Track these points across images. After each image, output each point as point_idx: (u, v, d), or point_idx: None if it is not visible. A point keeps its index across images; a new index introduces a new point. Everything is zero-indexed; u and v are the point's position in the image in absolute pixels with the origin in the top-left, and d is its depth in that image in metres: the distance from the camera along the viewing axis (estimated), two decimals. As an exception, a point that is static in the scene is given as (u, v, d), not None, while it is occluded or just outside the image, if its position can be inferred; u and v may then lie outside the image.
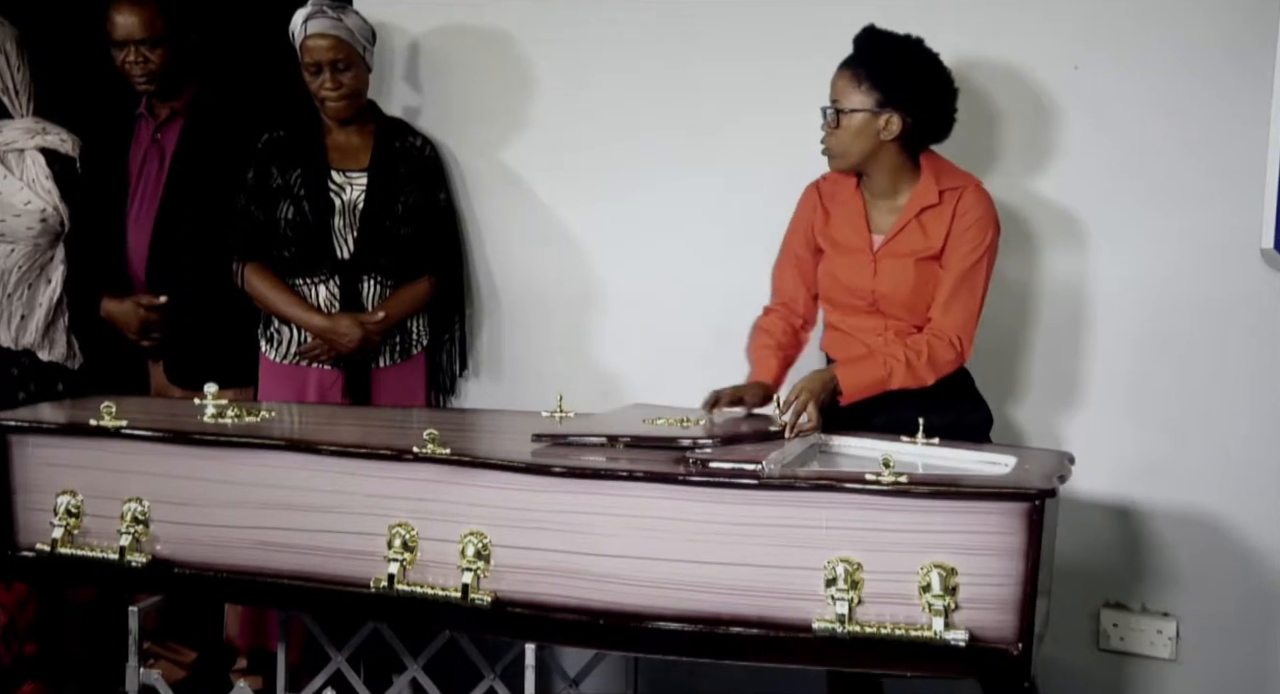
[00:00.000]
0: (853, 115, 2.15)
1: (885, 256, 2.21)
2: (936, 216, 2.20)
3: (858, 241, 2.24)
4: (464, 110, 2.90)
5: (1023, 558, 1.70)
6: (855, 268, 2.23)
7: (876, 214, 2.25)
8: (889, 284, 2.20)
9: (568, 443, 2.01)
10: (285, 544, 2.01)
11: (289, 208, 2.70)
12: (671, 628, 1.82)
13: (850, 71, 2.17)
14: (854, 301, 2.24)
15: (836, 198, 2.29)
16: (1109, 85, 2.41)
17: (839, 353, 2.29)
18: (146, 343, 2.80)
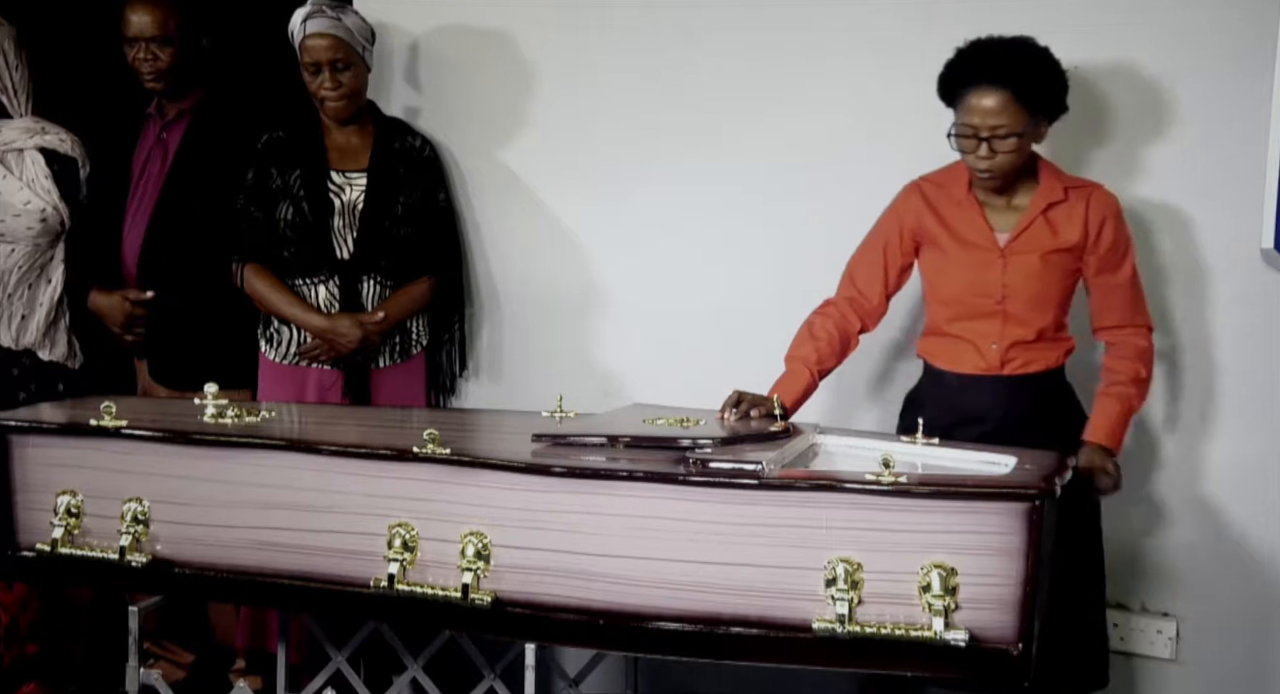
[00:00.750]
0: (1022, 136, 2.14)
1: (1014, 253, 2.20)
2: (1065, 213, 2.20)
3: (981, 240, 2.22)
4: (464, 110, 2.90)
5: (1023, 558, 1.70)
6: (982, 265, 2.22)
7: (994, 213, 2.24)
8: (1020, 279, 2.19)
9: (568, 443, 2.01)
10: (285, 544, 2.01)
11: (288, 208, 2.70)
12: (671, 628, 1.82)
13: (1007, 93, 2.12)
14: (978, 300, 2.22)
15: (947, 198, 2.27)
16: (1108, 86, 2.41)
17: (945, 359, 2.27)
18: (130, 338, 2.80)
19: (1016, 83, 2.13)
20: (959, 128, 2.18)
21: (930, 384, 2.33)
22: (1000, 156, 2.15)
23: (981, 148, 2.16)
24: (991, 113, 2.13)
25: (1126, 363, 2.24)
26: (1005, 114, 2.12)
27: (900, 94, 2.56)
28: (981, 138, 2.15)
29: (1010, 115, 2.12)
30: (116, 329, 2.80)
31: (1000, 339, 2.22)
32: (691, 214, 2.74)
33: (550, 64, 2.83)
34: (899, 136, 2.57)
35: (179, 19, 2.74)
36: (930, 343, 2.34)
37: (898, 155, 2.57)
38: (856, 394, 2.63)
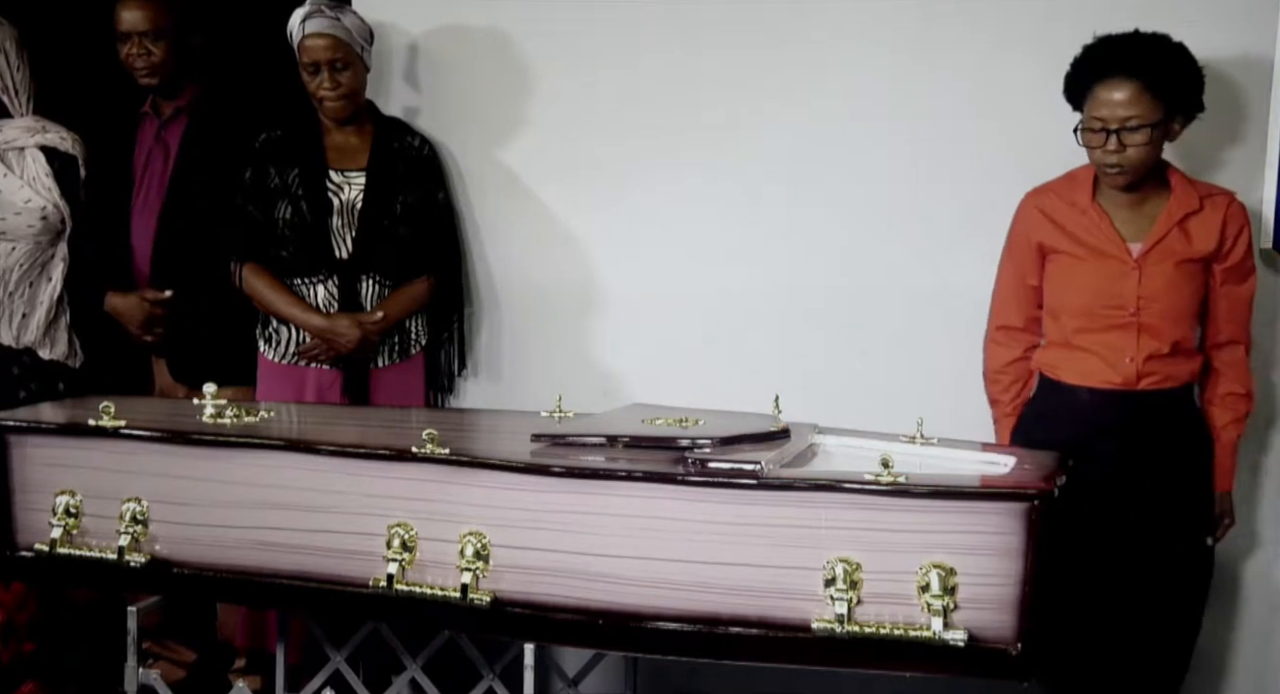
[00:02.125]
0: (1154, 129, 2.08)
1: (1150, 263, 2.14)
2: (1201, 222, 2.16)
3: (1113, 249, 2.16)
4: (463, 110, 2.90)
5: (1022, 558, 1.70)
6: (1116, 275, 2.15)
7: (1122, 222, 2.17)
8: (1157, 290, 2.13)
9: (567, 443, 2.01)
10: (284, 544, 2.01)
11: (287, 207, 2.69)
12: (671, 628, 1.82)
13: (1139, 83, 2.07)
14: (1109, 312, 2.16)
15: (1069, 207, 2.21)
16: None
17: (1073, 373, 2.21)
18: (149, 338, 2.81)
19: (1148, 73, 2.06)
20: (1087, 121, 2.11)
21: (1054, 399, 2.25)
22: (1130, 150, 2.08)
23: (1110, 141, 2.09)
24: (1121, 104, 2.06)
25: (1243, 401, 2.24)
26: (1136, 105, 2.05)
27: (906, 90, 2.57)
28: (1111, 130, 2.08)
29: (1141, 107, 2.05)
30: (135, 330, 2.80)
31: (1136, 353, 2.15)
32: (691, 214, 2.74)
33: (549, 63, 2.83)
34: (905, 134, 2.57)
35: (170, 14, 2.75)
36: (1054, 355, 2.25)
37: (904, 153, 2.58)
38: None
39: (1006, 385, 2.33)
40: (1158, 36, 2.11)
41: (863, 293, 2.63)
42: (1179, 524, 2.20)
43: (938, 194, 2.57)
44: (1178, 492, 2.20)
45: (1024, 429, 2.32)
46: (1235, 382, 2.23)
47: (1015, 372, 2.32)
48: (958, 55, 2.52)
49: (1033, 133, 2.46)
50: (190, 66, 2.81)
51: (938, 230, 2.57)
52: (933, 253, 2.58)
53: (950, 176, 2.56)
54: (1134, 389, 2.17)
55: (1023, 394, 2.32)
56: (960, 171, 2.55)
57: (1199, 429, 2.24)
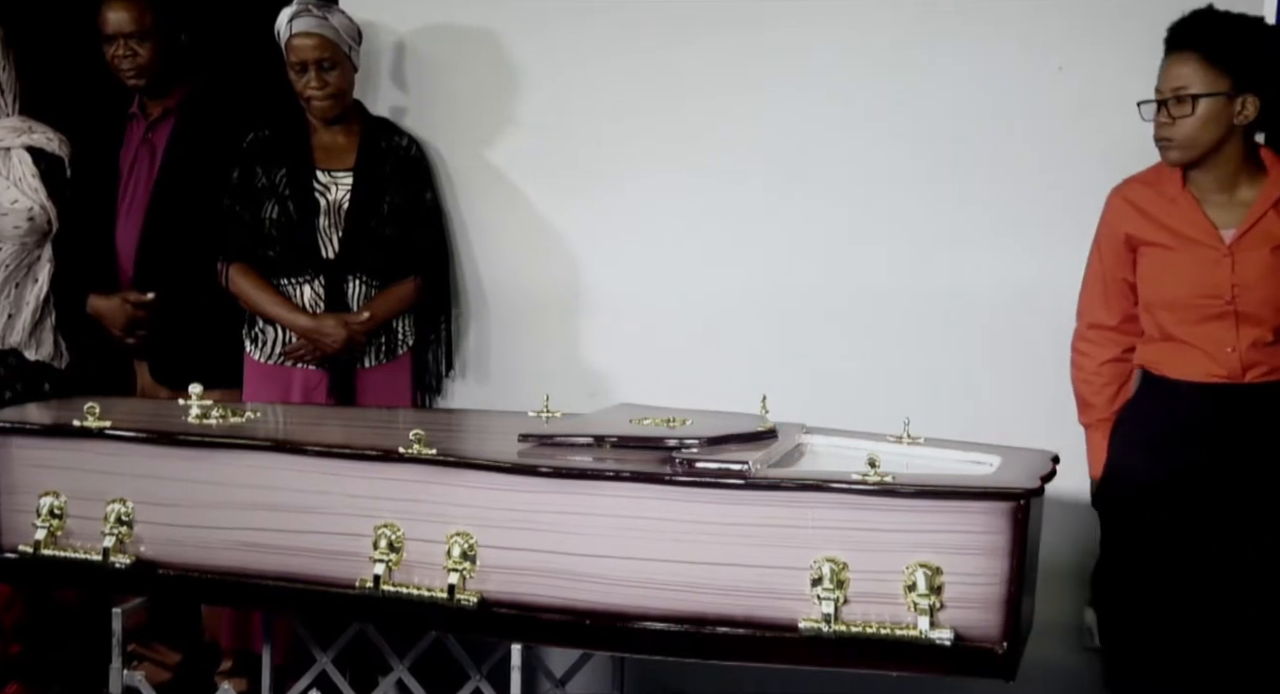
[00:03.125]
0: (1204, 101, 2.00)
1: (1244, 250, 2.06)
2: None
3: (1204, 237, 2.08)
4: (450, 110, 2.89)
5: (1008, 557, 1.71)
6: (1208, 264, 2.07)
7: (1213, 209, 2.09)
8: (1252, 276, 2.05)
9: (554, 443, 2.01)
10: (270, 545, 2.01)
11: (274, 207, 2.69)
12: (658, 628, 1.82)
13: (1195, 54, 2.00)
14: (1205, 303, 2.08)
15: (1159, 197, 2.13)
16: (1093, 85, 2.42)
17: (1174, 367, 2.13)
18: (131, 340, 2.79)
19: (1206, 45, 2.00)
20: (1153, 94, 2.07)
21: (1155, 395, 2.17)
22: (1180, 122, 2.02)
23: (1161, 113, 2.03)
24: (1175, 76, 2.01)
25: None
26: (1186, 76, 2.00)
27: (893, 89, 2.57)
28: (1161, 102, 2.04)
29: (1193, 78, 2.00)
30: (118, 332, 2.78)
31: (1238, 342, 2.06)
32: (679, 214, 2.74)
33: (537, 63, 2.83)
34: (895, 132, 2.57)
35: (156, 15, 2.74)
36: (1154, 350, 2.17)
37: (892, 151, 2.58)
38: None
39: (1100, 387, 2.21)
40: (1234, 14, 2.05)
41: (850, 292, 2.63)
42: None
43: (926, 193, 2.57)
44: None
45: (1118, 427, 2.22)
46: None
47: (1111, 373, 2.20)
48: (951, 51, 2.52)
49: (1027, 129, 2.47)
50: (178, 67, 2.80)
51: (926, 229, 2.58)
52: (921, 252, 2.58)
53: (939, 175, 2.56)
54: (1240, 382, 2.07)
55: (1120, 398, 2.20)
56: (949, 170, 2.55)
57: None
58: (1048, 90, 2.45)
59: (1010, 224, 2.50)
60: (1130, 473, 2.18)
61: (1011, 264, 2.50)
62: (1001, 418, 2.49)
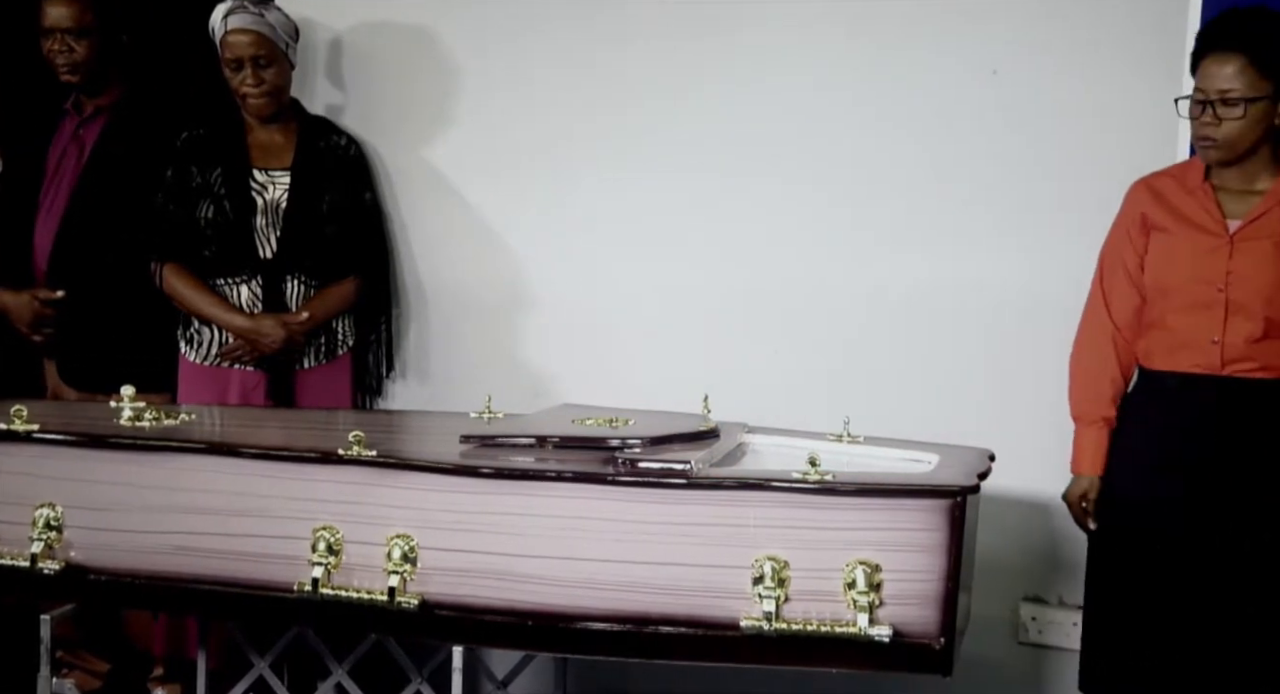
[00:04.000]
0: (1253, 104, 2.01)
1: (1244, 239, 2.08)
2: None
3: (1210, 225, 2.10)
4: (389, 108, 2.87)
5: (945, 554, 1.73)
6: (1207, 250, 2.09)
7: (1229, 199, 2.11)
8: (1248, 265, 2.06)
9: (496, 444, 2.00)
10: (206, 549, 1.97)
11: (209, 207, 2.65)
12: (600, 628, 1.82)
13: (1241, 56, 2.01)
14: (1200, 288, 2.08)
15: (1179, 187, 2.15)
16: (1028, 89, 2.46)
17: (1163, 357, 2.13)
18: (37, 338, 2.74)
19: (1255, 48, 2.01)
20: (1193, 94, 2.06)
21: (1146, 389, 2.17)
22: (1226, 124, 2.03)
23: (1207, 113, 2.04)
24: (1222, 77, 2.02)
25: None
26: (1236, 79, 2.01)
27: (840, 88, 2.59)
28: (1209, 102, 2.03)
29: (1242, 81, 2.01)
30: (23, 328, 2.73)
31: (1223, 333, 2.07)
32: (621, 212, 2.74)
33: (477, 61, 2.81)
34: (836, 135, 2.59)
35: (96, 12, 2.69)
36: (1148, 340, 2.17)
37: (839, 151, 2.60)
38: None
39: (1101, 385, 2.19)
40: (1275, 14, 2.06)
41: (790, 292, 2.65)
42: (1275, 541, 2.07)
43: (872, 193, 2.58)
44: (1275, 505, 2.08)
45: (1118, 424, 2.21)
46: None
47: (1113, 373, 2.18)
48: (890, 55, 2.55)
49: (965, 131, 2.50)
50: (116, 67, 2.76)
51: (868, 230, 2.60)
52: (862, 252, 2.60)
53: (881, 177, 2.58)
54: (1221, 375, 2.08)
55: (1115, 402, 2.19)
56: (892, 172, 2.57)
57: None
58: (983, 94, 2.49)
59: (951, 225, 2.53)
60: (1113, 472, 2.20)
61: (951, 263, 2.53)
62: (941, 416, 2.53)
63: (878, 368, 2.58)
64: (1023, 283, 2.47)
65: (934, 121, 2.53)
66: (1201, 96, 2.05)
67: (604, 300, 2.77)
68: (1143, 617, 2.15)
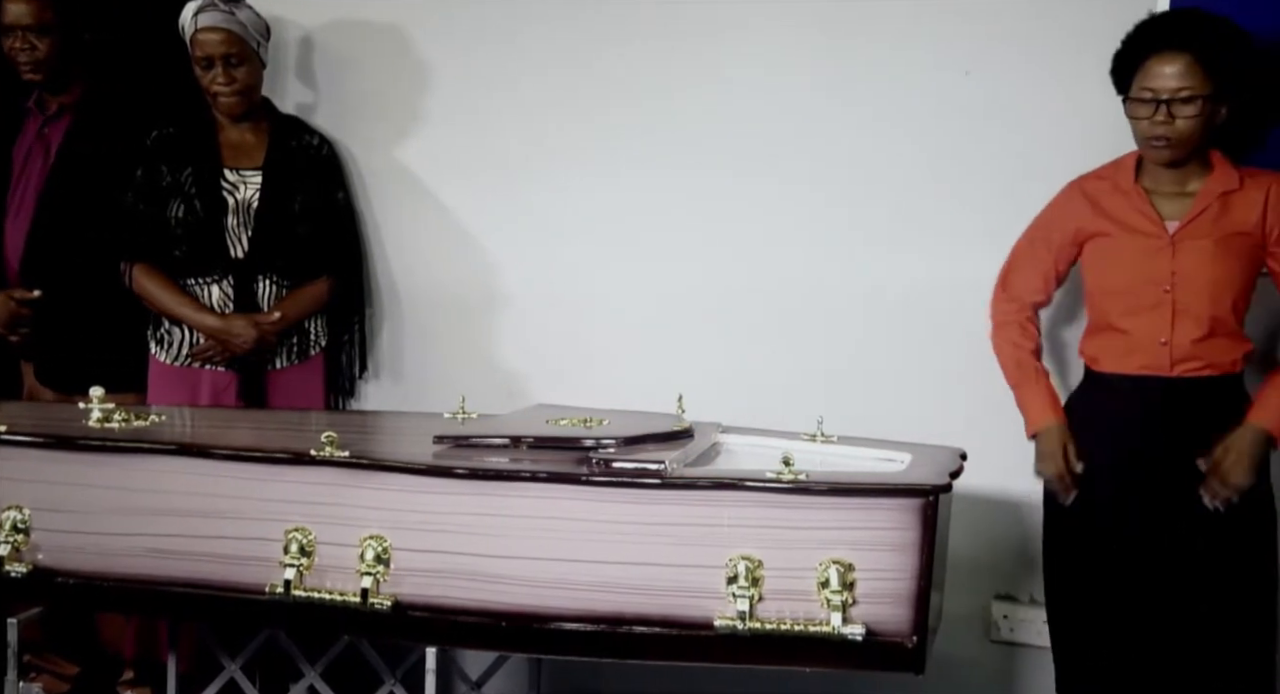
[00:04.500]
0: (1204, 103, 2.04)
1: (1185, 238, 2.10)
2: (1242, 199, 2.11)
3: (1150, 227, 2.13)
4: (361, 107, 2.86)
5: (917, 553, 1.74)
6: (1151, 252, 2.11)
7: (1162, 201, 2.14)
8: (1191, 265, 2.09)
9: (470, 444, 2.00)
10: (176, 551, 1.96)
11: (180, 206, 2.63)
12: (574, 628, 1.82)
13: (1190, 54, 2.04)
14: (1146, 290, 2.11)
15: (1112, 189, 2.18)
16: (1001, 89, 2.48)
17: (1110, 360, 2.16)
18: (14, 338, 2.72)
19: (1201, 48, 2.04)
20: (1136, 93, 2.08)
21: (1095, 390, 2.21)
22: (1180, 122, 2.05)
23: (1160, 112, 2.06)
24: (1174, 76, 2.04)
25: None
26: (1188, 77, 2.04)
27: (810, 91, 2.59)
28: (1161, 101, 2.05)
29: (1193, 79, 2.04)
30: (0, 330, 2.69)
31: (1170, 333, 2.10)
32: (595, 212, 2.74)
33: (449, 59, 2.80)
34: (808, 134, 2.60)
35: (57, 9, 2.67)
36: (1094, 342, 2.21)
37: (809, 153, 2.61)
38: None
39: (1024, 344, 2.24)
40: (1216, 16, 2.10)
41: (764, 292, 2.65)
42: (1233, 529, 2.10)
43: (848, 193, 2.59)
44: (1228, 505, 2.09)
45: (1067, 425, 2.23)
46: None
47: (1031, 332, 2.25)
48: (863, 55, 2.56)
49: (937, 131, 2.51)
50: (78, 64, 2.73)
51: (841, 230, 2.60)
52: (834, 253, 2.61)
53: (853, 177, 2.58)
54: (1169, 375, 2.10)
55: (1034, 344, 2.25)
56: (863, 171, 2.57)
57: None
58: (956, 94, 2.50)
59: (923, 225, 2.54)
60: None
61: (925, 264, 2.54)
62: (914, 416, 2.54)
63: (853, 368, 2.59)
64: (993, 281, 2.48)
65: (918, 122, 2.53)
66: (1152, 96, 2.08)
67: (578, 300, 2.77)
68: (1104, 617, 2.17)
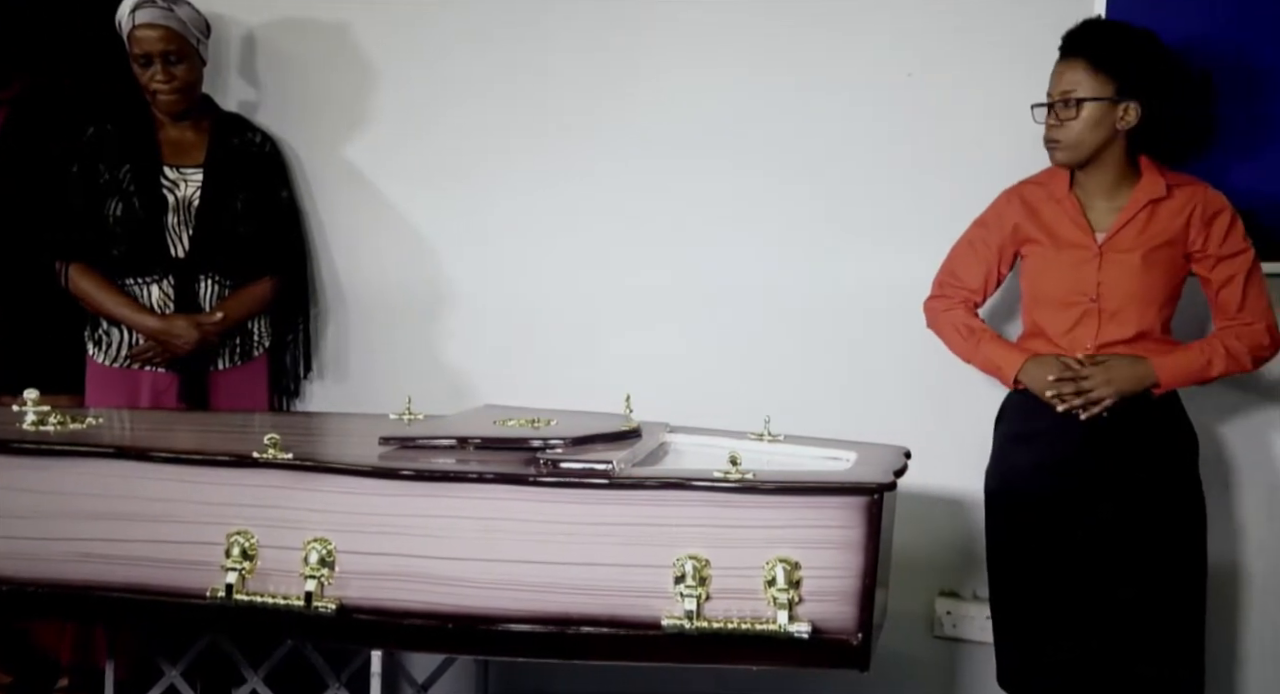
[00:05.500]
0: (1089, 105, 2.10)
1: (1111, 250, 2.16)
2: (1169, 209, 2.16)
3: (1080, 238, 2.18)
4: (304, 105, 2.83)
5: (862, 550, 1.75)
6: (1079, 263, 2.17)
7: (1094, 213, 2.20)
8: (1116, 275, 2.14)
9: (416, 445, 1.98)
10: (114, 556, 1.92)
11: (118, 205, 2.58)
12: (521, 630, 1.81)
13: (1082, 60, 2.10)
14: (1073, 299, 2.17)
15: (1047, 197, 2.23)
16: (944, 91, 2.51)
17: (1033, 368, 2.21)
18: None
19: (1093, 51, 2.10)
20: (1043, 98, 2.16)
21: (1022, 398, 2.25)
22: (1066, 125, 2.12)
23: (1050, 115, 2.13)
24: (1064, 80, 2.12)
25: (1227, 331, 2.16)
26: (1074, 80, 2.10)
27: (751, 91, 2.61)
28: (1049, 104, 2.13)
29: (1080, 83, 2.10)
30: None
31: (1095, 341, 2.16)
32: (540, 210, 2.74)
33: (393, 57, 2.79)
34: (752, 135, 2.62)
35: None
36: (1025, 349, 2.26)
37: (753, 154, 2.63)
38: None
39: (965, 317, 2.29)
40: (1123, 24, 2.16)
41: (711, 291, 2.67)
42: (1164, 533, 2.17)
43: (792, 194, 2.61)
44: (1159, 496, 2.17)
45: (997, 425, 2.30)
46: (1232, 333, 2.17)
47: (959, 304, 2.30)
48: (806, 56, 2.58)
49: (881, 132, 2.54)
50: (14, 60, 2.67)
51: (785, 230, 2.63)
52: (780, 252, 2.63)
53: (798, 177, 2.61)
54: None
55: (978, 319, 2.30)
56: (808, 172, 2.60)
57: (1180, 426, 2.21)
58: (899, 96, 2.53)
59: (867, 225, 2.57)
60: (1010, 469, 2.26)
61: (869, 264, 2.57)
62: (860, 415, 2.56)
63: (800, 367, 2.61)
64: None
65: (861, 124, 2.56)
66: (1048, 100, 2.14)
67: (524, 300, 2.76)
68: (1044, 611, 2.21)
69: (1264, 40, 2.30)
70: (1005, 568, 2.27)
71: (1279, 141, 2.31)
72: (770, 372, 2.63)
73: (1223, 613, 2.39)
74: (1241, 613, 2.45)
